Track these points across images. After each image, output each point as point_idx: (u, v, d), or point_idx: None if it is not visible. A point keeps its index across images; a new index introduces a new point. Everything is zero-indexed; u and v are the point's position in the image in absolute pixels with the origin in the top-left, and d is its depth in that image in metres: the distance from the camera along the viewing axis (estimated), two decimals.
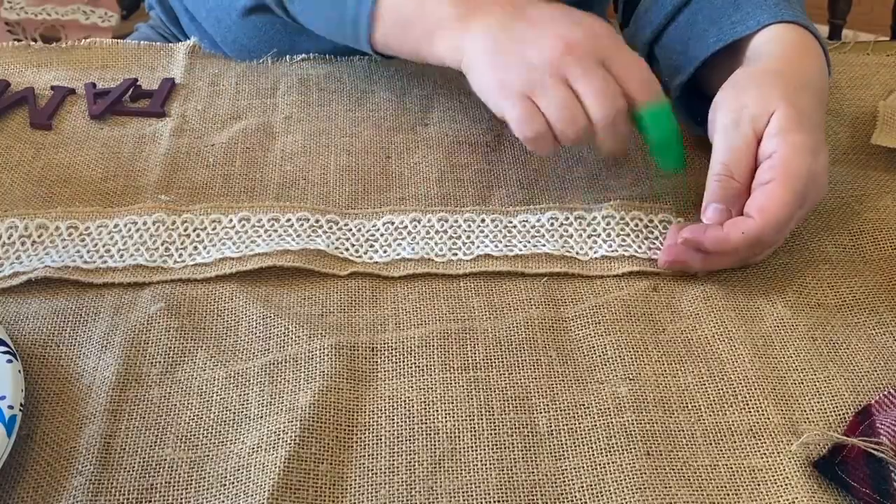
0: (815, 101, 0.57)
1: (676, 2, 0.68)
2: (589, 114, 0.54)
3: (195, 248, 0.58)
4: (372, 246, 0.59)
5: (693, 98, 0.67)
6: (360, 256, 0.58)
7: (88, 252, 0.57)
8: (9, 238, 0.58)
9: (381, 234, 0.60)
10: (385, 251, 0.58)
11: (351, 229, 0.60)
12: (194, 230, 0.59)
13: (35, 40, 0.77)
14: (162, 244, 0.58)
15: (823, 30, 1.05)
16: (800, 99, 0.56)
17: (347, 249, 0.58)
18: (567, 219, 0.61)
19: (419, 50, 0.61)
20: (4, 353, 0.49)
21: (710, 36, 0.64)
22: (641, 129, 0.58)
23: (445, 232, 0.60)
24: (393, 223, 0.60)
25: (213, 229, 0.59)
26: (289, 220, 0.60)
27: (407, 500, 0.46)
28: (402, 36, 0.62)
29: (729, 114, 0.57)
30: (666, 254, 0.57)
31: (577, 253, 0.58)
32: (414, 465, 0.47)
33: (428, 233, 0.60)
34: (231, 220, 0.60)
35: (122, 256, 0.57)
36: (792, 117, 0.55)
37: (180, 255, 0.58)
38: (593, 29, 0.56)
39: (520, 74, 0.55)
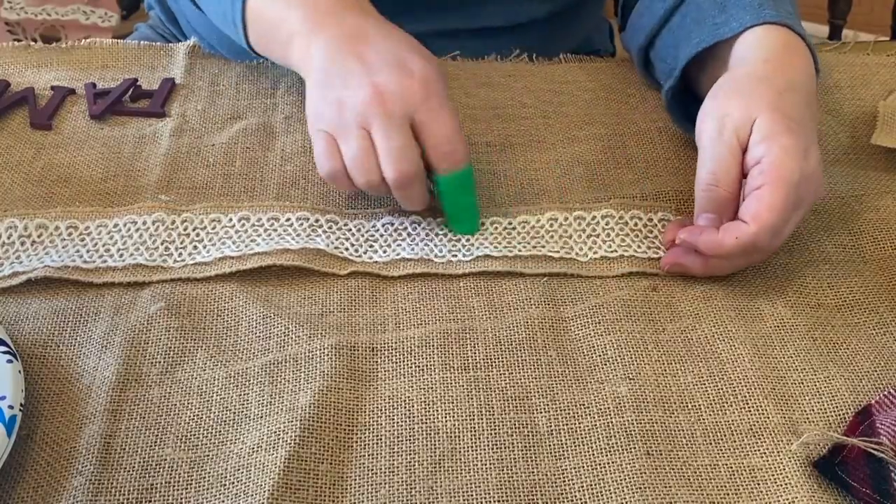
0: (800, 101, 0.57)
1: (668, 6, 0.68)
2: (382, 171, 0.55)
3: (195, 247, 0.58)
4: (371, 246, 0.59)
5: (688, 99, 0.67)
6: (359, 256, 0.58)
7: (88, 252, 0.57)
8: (8, 238, 0.58)
9: (381, 235, 0.60)
10: (385, 251, 0.58)
11: (350, 229, 0.60)
12: (194, 230, 0.59)
13: (35, 40, 0.77)
14: (162, 244, 0.58)
15: (823, 30, 1.05)
16: (784, 102, 0.56)
17: (347, 249, 0.58)
18: (567, 219, 0.61)
19: (282, 57, 0.63)
20: (4, 353, 0.49)
21: (694, 37, 0.64)
22: (437, 192, 0.58)
23: (445, 234, 0.60)
24: (393, 224, 0.60)
25: (213, 229, 0.59)
26: (288, 219, 0.60)
27: (407, 500, 0.46)
28: (268, 43, 0.64)
29: (713, 123, 0.56)
30: (667, 256, 0.57)
31: (577, 254, 0.58)
32: (414, 465, 0.47)
33: (427, 234, 0.60)
34: (231, 220, 0.60)
35: (121, 256, 0.57)
36: (777, 121, 0.54)
37: (180, 255, 0.58)
38: (413, 80, 0.55)
39: (332, 113, 0.56)
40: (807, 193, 0.54)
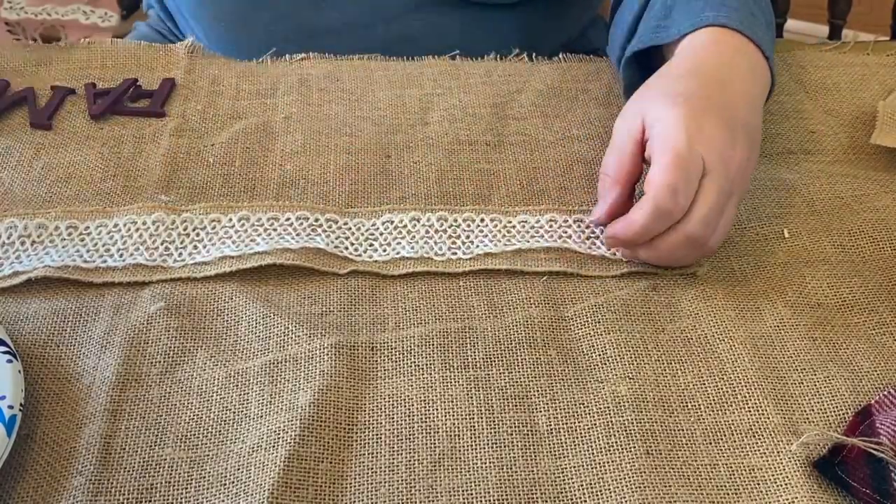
0: (699, 82, 0.58)
1: (635, 13, 0.69)
2: None
3: (195, 247, 0.58)
4: (371, 245, 0.59)
5: None
6: (359, 255, 0.58)
7: (88, 252, 0.57)
8: (8, 238, 0.58)
9: (381, 233, 0.60)
10: (385, 250, 0.58)
11: (350, 228, 0.60)
12: (194, 229, 0.59)
13: (35, 40, 0.77)
14: (162, 244, 0.58)
15: (823, 30, 1.05)
16: (676, 84, 0.57)
17: (347, 248, 0.58)
18: (566, 221, 0.61)
19: None
20: (4, 353, 0.49)
21: (638, 37, 0.66)
22: None
23: (445, 231, 0.60)
24: (392, 222, 0.60)
25: (213, 228, 0.59)
26: (288, 219, 0.60)
27: (407, 499, 0.46)
28: None
29: (617, 124, 0.59)
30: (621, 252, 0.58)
31: (578, 248, 0.58)
32: (414, 464, 0.47)
33: (427, 232, 0.60)
34: (231, 220, 0.60)
35: (121, 256, 0.57)
36: (661, 102, 0.56)
37: (180, 255, 0.58)
38: None
39: None
40: (707, 154, 0.54)
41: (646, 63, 0.67)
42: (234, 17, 0.80)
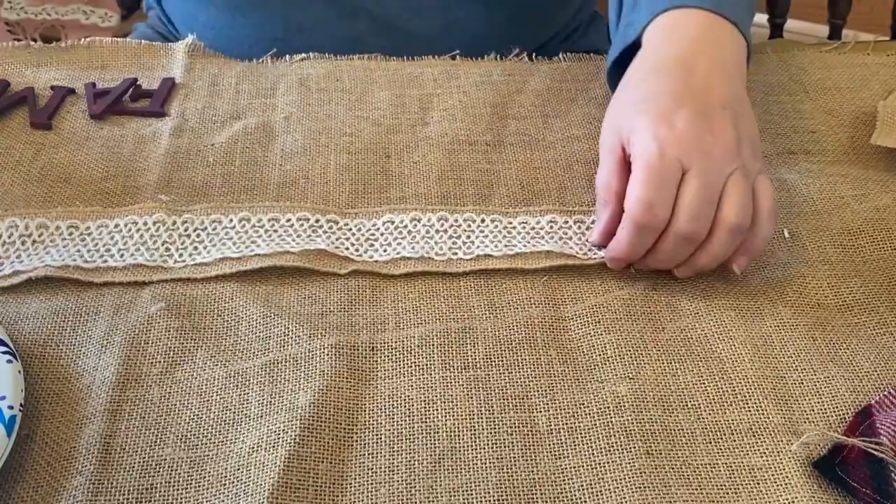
0: (660, 78, 0.57)
1: (615, 10, 0.69)
2: None
3: (195, 248, 0.58)
4: (372, 245, 0.59)
5: None
6: (359, 255, 0.58)
7: (88, 251, 0.58)
8: (9, 237, 0.58)
9: (381, 234, 0.60)
10: (385, 250, 0.58)
11: (351, 229, 0.60)
12: (194, 230, 0.59)
13: (35, 40, 0.77)
14: (162, 244, 0.58)
15: (823, 30, 1.05)
16: (639, 92, 0.58)
17: (347, 249, 0.58)
18: (566, 222, 0.61)
19: None
20: (4, 353, 0.49)
21: (613, 44, 0.66)
22: None
23: (445, 231, 0.60)
24: (393, 222, 0.60)
25: (214, 229, 0.59)
26: (289, 220, 0.60)
27: (407, 499, 0.46)
28: None
29: (600, 147, 0.59)
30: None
31: (577, 252, 0.58)
32: (414, 464, 0.47)
33: (428, 232, 0.60)
34: (231, 221, 0.60)
35: (122, 256, 0.57)
36: (632, 114, 0.56)
37: (180, 255, 0.58)
38: None
39: None
40: (686, 155, 0.53)
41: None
42: (245, 4, 0.80)
